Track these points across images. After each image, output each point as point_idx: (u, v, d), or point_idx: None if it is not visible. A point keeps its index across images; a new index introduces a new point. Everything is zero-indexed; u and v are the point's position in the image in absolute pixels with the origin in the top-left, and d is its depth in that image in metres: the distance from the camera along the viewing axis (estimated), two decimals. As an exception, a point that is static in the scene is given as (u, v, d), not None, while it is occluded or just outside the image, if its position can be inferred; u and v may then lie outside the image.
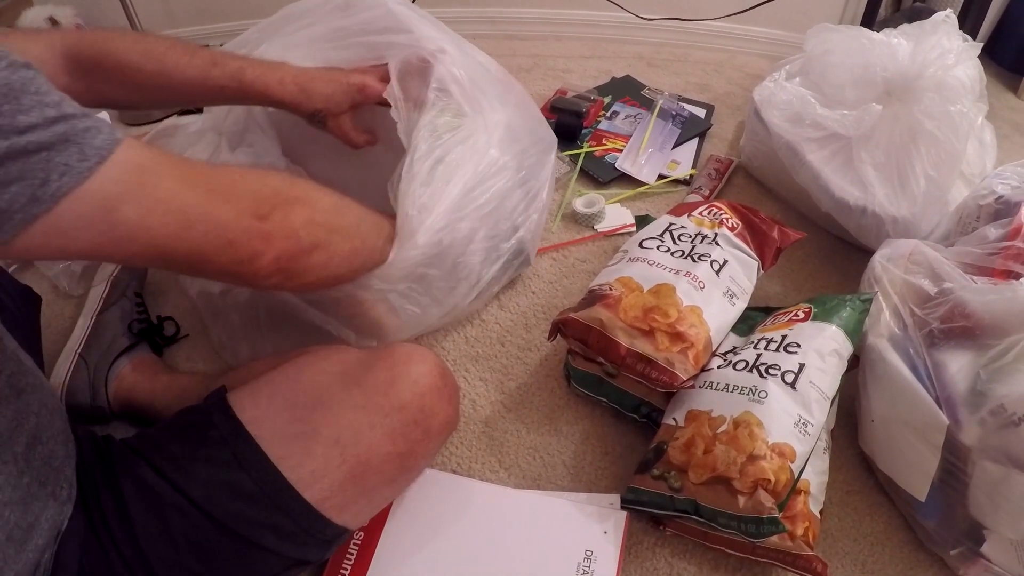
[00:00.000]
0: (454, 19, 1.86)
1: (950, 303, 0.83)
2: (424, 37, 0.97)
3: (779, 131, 1.23)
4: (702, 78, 1.76)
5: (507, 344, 1.12)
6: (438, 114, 0.92)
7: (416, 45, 0.95)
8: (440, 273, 0.96)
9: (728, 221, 1.05)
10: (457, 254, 0.96)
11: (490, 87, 1.01)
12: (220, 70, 0.83)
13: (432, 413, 0.74)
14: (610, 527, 0.86)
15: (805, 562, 0.78)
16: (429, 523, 0.87)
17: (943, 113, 1.06)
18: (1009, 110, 1.65)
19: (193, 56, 0.82)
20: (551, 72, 1.78)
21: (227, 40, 1.40)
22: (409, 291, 0.94)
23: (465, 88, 0.96)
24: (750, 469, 0.77)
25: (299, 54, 0.96)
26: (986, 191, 0.96)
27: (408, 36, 0.96)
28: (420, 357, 0.75)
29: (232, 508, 0.65)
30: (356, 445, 0.69)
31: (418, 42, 0.96)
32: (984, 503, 0.77)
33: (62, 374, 0.98)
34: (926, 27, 1.13)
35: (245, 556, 0.66)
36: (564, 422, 1.01)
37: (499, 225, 1.02)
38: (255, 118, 1.01)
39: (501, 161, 0.98)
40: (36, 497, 0.59)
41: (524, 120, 1.06)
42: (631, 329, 0.90)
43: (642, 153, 1.46)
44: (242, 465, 0.66)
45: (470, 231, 0.96)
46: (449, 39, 1.00)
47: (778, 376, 0.84)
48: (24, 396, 0.61)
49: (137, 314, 1.07)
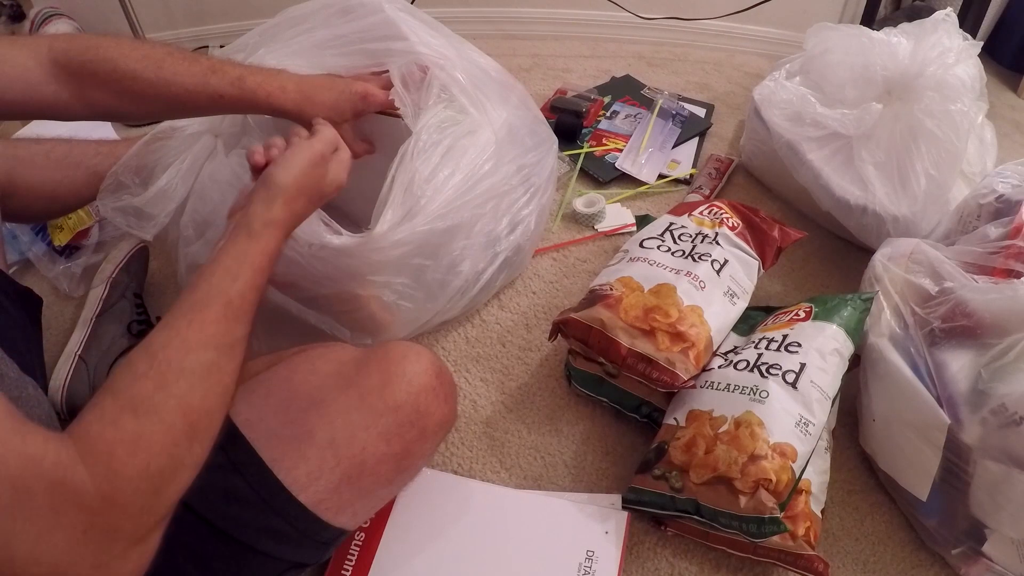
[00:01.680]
0: (454, 19, 1.87)
1: (951, 302, 0.82)
2: (423, 43, 0.97)
3: (779, 130, 1.22)
4: (702, 77, 1.76)
5: (508, 344, 1.12)
6: (442, 110, 0.92)
7: (415, 51, 0.95)
8: (434, 265, 0.95)
9: (728, 220, 1.05)
10: (452, 247, 0.96)
11: (491, 89, 1.01)
12: (219, 77, 0.81)
13: (427, 413, 0.73)
14: (611, 527, 0.86)
15: (806, 562, 0.78)
16: (430, 524, 0.87)
17: (943, 112, 1.06)
18: (1009, 108, 1.65)
19: (192, 63, 0.81)
20: (551, 72, 1.78)
21: (227, 41, 1.39)
22: (403, 287, 0.94)
23: (467, 90, 0.96)
24: (751, 469, 0.77)
25: (299, 61, 0.96)
26: (987, 190, 0.96)
27: (406, 43, 0.96)
28: (415, 356, 0.74)
29: (228, 512, 0.64)
30: (351, 446, 0.68)
31: (417, 48, 0.96)
32: (985, 502, 0.77)
33: (62, 376, 0.98)
34: (926, 26, 1.13)
35: (242, 560, 0.66)
36: (565, 422, 1.01)
37: (498, 221, 1.02)
38: (252, 121, 1.01)
39: (502, 156, 0.98)
40: None
41: (525, 120, 1.06)
42: (632, 329, 0.90)
43: (642, 153, 1.45)
44: (237, 468, 0.65)
45: (467, 222, 0.96)
46: (448, 44, 1.00)
47: (779, 376, 0.84)
48: None
49: (137, 315, 1.07)
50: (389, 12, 0.98)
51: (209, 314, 0.57)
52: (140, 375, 0.52)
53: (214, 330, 0.57)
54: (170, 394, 0.52)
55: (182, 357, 0.54)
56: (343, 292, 0.90)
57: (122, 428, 0.49)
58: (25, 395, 0.61)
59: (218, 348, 0.57)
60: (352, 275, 0.89)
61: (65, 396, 0.97)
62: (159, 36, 1.85)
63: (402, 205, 0.87)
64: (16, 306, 0.83)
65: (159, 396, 0.51)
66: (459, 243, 0.97)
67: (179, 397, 0.52)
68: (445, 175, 0.91)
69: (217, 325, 0.57)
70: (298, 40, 1.00)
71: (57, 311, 1.15)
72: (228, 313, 0.58)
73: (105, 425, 0.49)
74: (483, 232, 1.00)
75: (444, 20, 1.03)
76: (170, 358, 0.53)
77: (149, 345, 0.54)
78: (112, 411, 0.49)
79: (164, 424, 0.51)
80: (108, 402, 0.50)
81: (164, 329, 0.55)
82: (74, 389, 0.98)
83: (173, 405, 0.52)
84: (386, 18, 0.98)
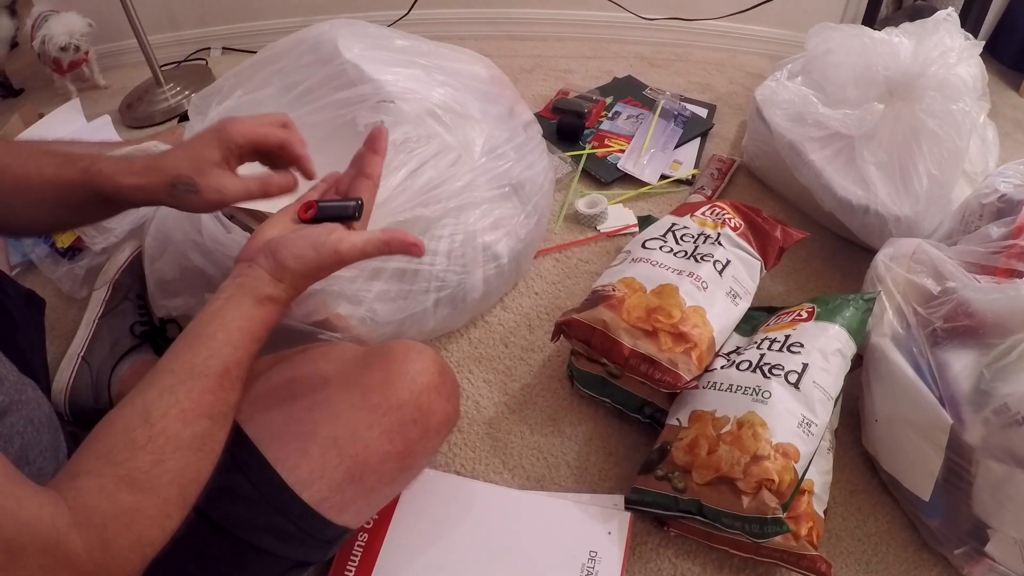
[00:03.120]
0: (456, 20, 1.88)
1: (953, 302, 0.82)
2: (390, 82, 0.99)
3: (781, 130, 1.22)
4: (704, 78, 1.76)
5: (510, 345, 1.12)
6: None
7: (383, 91, 0.97)
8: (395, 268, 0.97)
9: (731, 221, 1.05)
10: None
11: (471, 104, 1.02)
12: (72, 165, 0.68)
13: (430, 411, 0.73)
14: (614, 528, 0.86)
15: (809, 562, 0.78)
16: (433, 524, 0.87)
17: (945, 111, 1.06)
18: (1011, 108, 1.65)
19: (55, 156, 0.69)
20: (553, 72, 1.78)
21: (228, 42, 1.40)
22: (363, 291, 0.95)
23: (440, 118, 0.99)
24: (754, 469, 0.77)
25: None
26: (989, 189, 0.96)
27: (373, 85, 0.98)
28: (417, 354, 0.74)
29: (231, 511, 0.65)
30: (354, 445, 0.68)
31: (385, 88, 0.98)
32: (988, 502, 0.77)
33: (65, 377, 0.98)
34: (928, 25, 1.13)
35: (245, 559, 0.66)
36: (568, 423, 1.01)
37: (485, 229, 1.03)
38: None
39: (474, 167, 1.00)
40: None
41: (509, 132, 1.08)
42: (634, 330, 0.90)
43: (644, 153, 1.46)
44: (240, 467, 0.65)
45: (427, 222, 0.96)
46: (417, 72, 1.03)
47: (781, 376, 0.84)
48: (8, 418, 0.58)
49: (139, 316, 1.07)
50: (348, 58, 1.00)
51: (208, 383, 0.56)
52: (139, 447, 0.51)
53: (211, 399, 0.56)
54: (166, 469, 0.52)
55: (180, 429, 0.53)
56: (315, 322, 0.90)
57: (119, 502, 0.49)
58: (24, 398, 0.61)
59: (213, 417, 0.56)
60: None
61: (68, 397, 0.98)
62: (161, 38, 1.86)
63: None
64: (19, 308, 0.83)
65: (156, 471, 0.51)
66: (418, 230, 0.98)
67: (175, 472, 0.53)
68: (403, 178, 0.93)
69: (215, 395, 0.56)
70: (268, 94, 1.03)
71: (60, 313, 1.16)
72: (225, 383, 0.57)
73: (103, 498, 0.49)
74: (451, 234, 1.00)
75: (446, 22, 1.04)
76: (168, 430, 0.53)
77: (147, 412, 0.53)
78: (110, 484, 0.49)
79: (159, 499, 0.51)
80: (106, 472, 0.50)
81: (163, 395, 0.54)
82: (77, 390, 0.98)
83: (168, 480, 0.52)
84: (352, 65, 1.00)
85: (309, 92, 1.02)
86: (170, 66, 1.85)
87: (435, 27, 1.80)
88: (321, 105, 1.00)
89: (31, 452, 0.59)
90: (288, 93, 1.04)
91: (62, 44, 1.62)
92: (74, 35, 1.63)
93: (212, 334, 0.59)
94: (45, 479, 0.59)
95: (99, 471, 0.50)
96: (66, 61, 1.68)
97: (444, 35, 1.39)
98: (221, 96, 1.04)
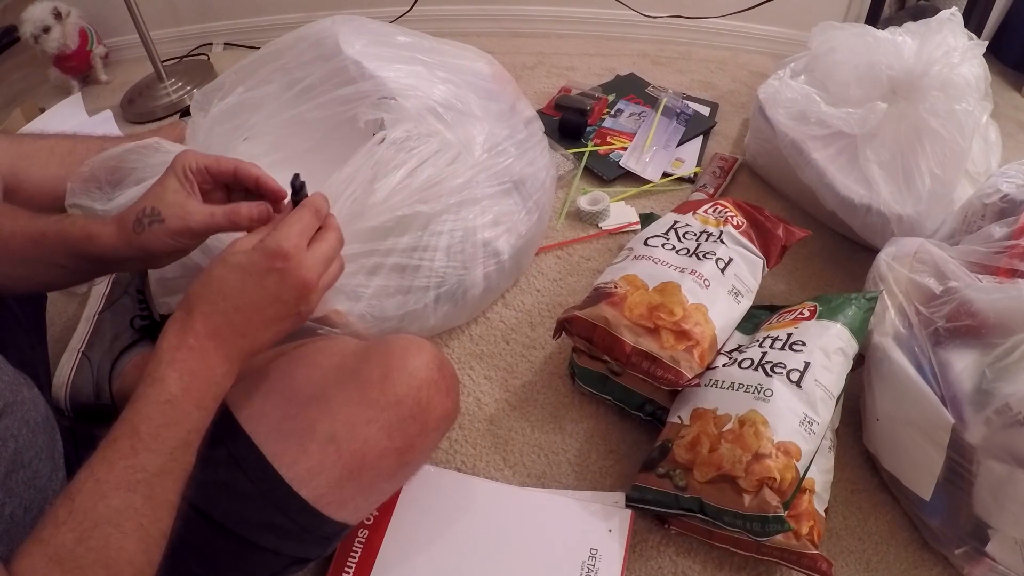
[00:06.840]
0: (458, 17, 1.88)
1: (955, 302, 0.82)
2: (391, 78, 0.99)
3: (784, 129, 1.22)
4: (706, 76, 1.76)
5: (512, 342, 1.12)
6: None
7: (385, 88, 0.98)
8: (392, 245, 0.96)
9: (733, 219, 1.05)
10: (407, 234, 0.97)
11: (472, 102, 1.02)
12: (44, 218, 0.71)
13: (429, 407, 0.72)
14: (615, 525, 0.86)
15: (810, 561, 0.78)
16: (434, 521, 0.87)
17: (948, 111, 1.06)
18: (1014, 108, 1.65)
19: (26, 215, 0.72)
20: (555, 70, 1.77)
21: (230, 38, 1.39)
22: (359, 288, 0.94)
23: (441, 115, 0.99)
24: (755, 467, 0.77)
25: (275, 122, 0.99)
26: (991, 189, 0.96)
27: (374, 82, 0.98)
28: (416, 349, 0.74)
29: (229, 508, 0.64)
30: (352, 441, 0.68)
31: (387, 84, 0.98)
32: (989, 502, 0.77)
33: (66, 373, 0.98)
34: (931, 25, 1.13)
35: (244, 556, 0.66)
36: (569, 420, 1.01)
37: (485, 226, 1.03)
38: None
39: (475, 165, 1.00)
40: (20, 524, 0.56)
41: (510, 129, 1.08)
42: (636, 327, 0.90)
43: (646, 151, 1.45)
44: (238, 464, 0.65)
45: (426, 218, 0.96)
46: (419, 69, 1.03)
47: (783, 374, 0.84)
48: (2, 420, 0.57)
49: (139, 311, 1.07)
50: (350, 54, 1.00)
51: (119, 446, 0.53)
52: (60, 523, 0.49)
53: (123, 465, 0.52)
54: (89, 548, 0.49)
55: (95, 503, 0.51)
56: (314, 318, 0.90)
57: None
58: (20, 398, 0.60)
59: (130, 487, 0.52)
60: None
61: (69, 393, 0.98)
62: (163, 33, 1.85)
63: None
64: (19, 303, 0.83)
65: (80, 549, 0.49)
66: (415, 231, 0.97)
67: (98, 551, 0.50)
68: (398, 174, 0.93)
69: (126, 460, 0.53)
70: (269, 91, 1.03)
71: (60, 307, 1.16)
72: (136, 444, 0.53)
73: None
74: (450, 231, 1.00)
75: (448, 18, 1.04)
76: (85, 506, 0.50)
77: (69, 487, 0.51)
78: (42, 566, 0.48)
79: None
80: (37, 554, 0.48)
81: (84, 469, 0.52)
82: (78, 385, 0.98)
83: (93, 559, 0.49)
84: (351, 60, 1.00)
85: (310, 89, 1.02)
86: (172, 61, 1.85)
87: (437, 23, 1.80)
88: (322, 102, 1.00)
89: (26, 455, 0.59)
90: (289, 90, 1.04)
91: (34, 33, 1.64)
92: (36, 23, 1.64)
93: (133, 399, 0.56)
94: (40, 481, 0.59)
95: (31, 552, 0.49)
96: (52, 51, 1.68)
97: (446, 31, 1.39)
98: (223, 92, 1.04)
